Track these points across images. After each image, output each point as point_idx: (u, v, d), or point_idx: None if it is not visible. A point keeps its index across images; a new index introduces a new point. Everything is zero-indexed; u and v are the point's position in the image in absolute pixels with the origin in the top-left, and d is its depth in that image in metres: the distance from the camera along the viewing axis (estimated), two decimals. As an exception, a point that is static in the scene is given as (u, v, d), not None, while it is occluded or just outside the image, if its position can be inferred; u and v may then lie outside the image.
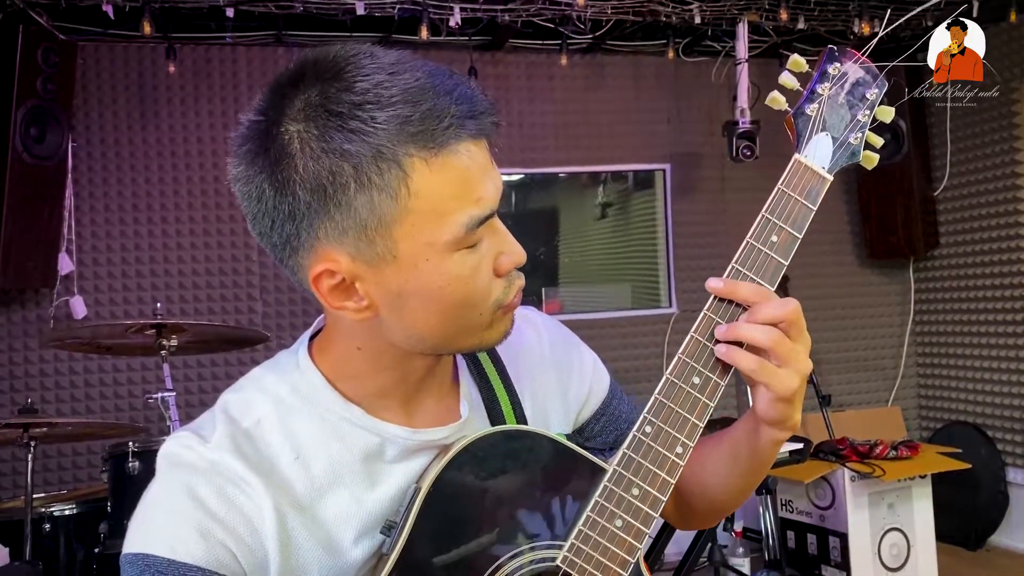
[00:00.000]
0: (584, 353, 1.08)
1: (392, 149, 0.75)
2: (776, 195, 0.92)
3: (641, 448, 0.86)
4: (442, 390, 0.94)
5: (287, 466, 0.85)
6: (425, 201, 0.76)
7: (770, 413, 0.89)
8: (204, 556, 0.78)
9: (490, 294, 0.83)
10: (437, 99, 0.76)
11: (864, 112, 0.95)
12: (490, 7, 3.55)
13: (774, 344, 0.85)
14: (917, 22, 4.02)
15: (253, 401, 0.87)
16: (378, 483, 0.88)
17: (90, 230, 3.68)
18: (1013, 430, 4.21)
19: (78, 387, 3.64)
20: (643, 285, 5.08)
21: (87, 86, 3.66)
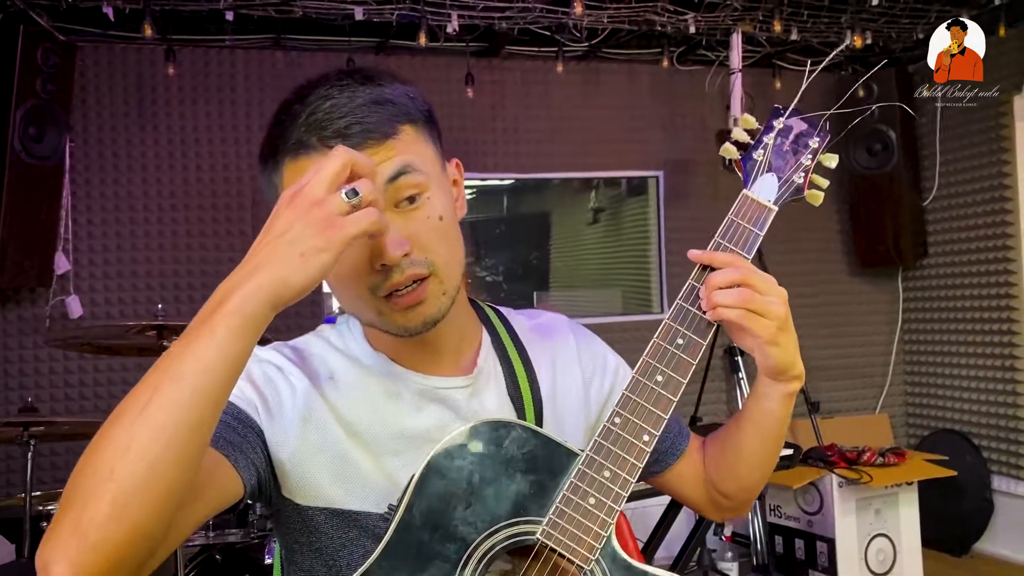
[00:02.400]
0: (608, 356, 1.22)
1: (274, 156, 0.99)
2: (726, 223, 1.06)
3: (611, 436, 0.97)
4: (459, 355, 1.11)
5: (323, 381, 1.04)
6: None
7: (768, 361, 1.02)
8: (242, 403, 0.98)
9: (363, 281, 0.96)
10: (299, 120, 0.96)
11: (807, 156, 1.12)
12: (487, 14, 3.59)
13: (746, 301, 0.98)
14: (908, 35, 4.09)
15: (308, 339, 1.10)
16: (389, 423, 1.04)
17: (87, 230, 3.69)
18: (998, 438, 4.27)
19: (73, 386, 3.65)
20: (634, 290, 5.12)
21: (86, 87, 3.68)
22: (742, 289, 0.99)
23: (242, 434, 0.96)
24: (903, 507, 3.68)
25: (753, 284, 0.99)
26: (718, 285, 0.99)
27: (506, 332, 1.16)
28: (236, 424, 0.96)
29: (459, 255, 1.02)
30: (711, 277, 1.01)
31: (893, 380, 4.80)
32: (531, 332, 1.17)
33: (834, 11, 3.77)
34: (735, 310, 0.98)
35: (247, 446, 0.96)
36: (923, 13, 3.80)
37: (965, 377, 4.45)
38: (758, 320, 0.99)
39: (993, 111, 4.17)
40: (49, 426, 2.45)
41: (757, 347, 1.01)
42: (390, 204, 0.95)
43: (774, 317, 0.99)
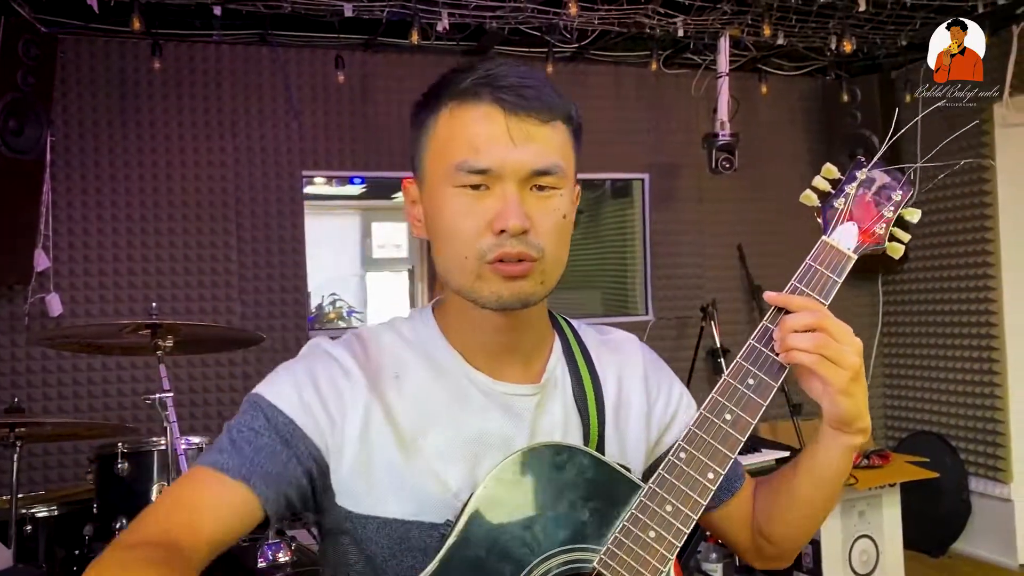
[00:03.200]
0: (675, 384, 1.20)
1: (438, 99, 1.01)
2: (804, 268, 1.05)
3: (675, 470, 0.97)
4: (530, 362, 1.10)
5: (388, 379, 1.03)
6: (439, 139, 1.00)
7: (835, 410, 1.01)
8: (298, 414, 0.98)
9: (475, 241, 0.97)
10: (477, 72, 0.98)
11: (889, 209, 1.11)
12: (478, 13, 3.57)
13: (822, 347, 0.98)
14: (892, 41, 4.14)
15: (380, 331, 1.09)
16: (454, 425, 1.02)
17: (67, 226, 3.62)
18: (976, 440, 4.33)
19: (52, 385, 3.57)
20: (613, 292, 5.13)
21: (68, 80, 3.60)
22: (818, 334, 0.98)
23: (285, 460, 0.96)
24: (886, 508, 3.72)
25: (829, 330, 0.98)
26: (794, 328, 0.99)
27: (576, 342, 1.15)
28: (281, 449, 0.96)
29: (564, 258, 1.03)
30: (787, 319, 1.00)
31: (872, 383, 4.85)
32: (600, 346, 1.17)
33: (822, 16, 3.80)
34: (810, 355, 0.98)
35: (286, 474, 0.96)
36: (908, 20, 3.84)
37: (943, 380, 4.51)
38: (832, 368, 0.98)
39: (974, 118, 4.22)
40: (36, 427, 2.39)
41: (827, 395, 1.00)
42: (526, 185, 0.98)
43: (848, 366, 0.98)
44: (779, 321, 1.01)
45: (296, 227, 3.97)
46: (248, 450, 0.95)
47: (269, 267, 3.91)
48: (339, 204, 6.97)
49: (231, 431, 0.98)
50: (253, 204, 3.89)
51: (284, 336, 3.85)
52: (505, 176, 0.96)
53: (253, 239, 3.89)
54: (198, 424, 3.67)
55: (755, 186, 4.59)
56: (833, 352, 0.98)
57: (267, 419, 0.97)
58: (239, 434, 0.97)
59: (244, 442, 0.96)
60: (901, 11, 3.73)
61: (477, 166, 0.96)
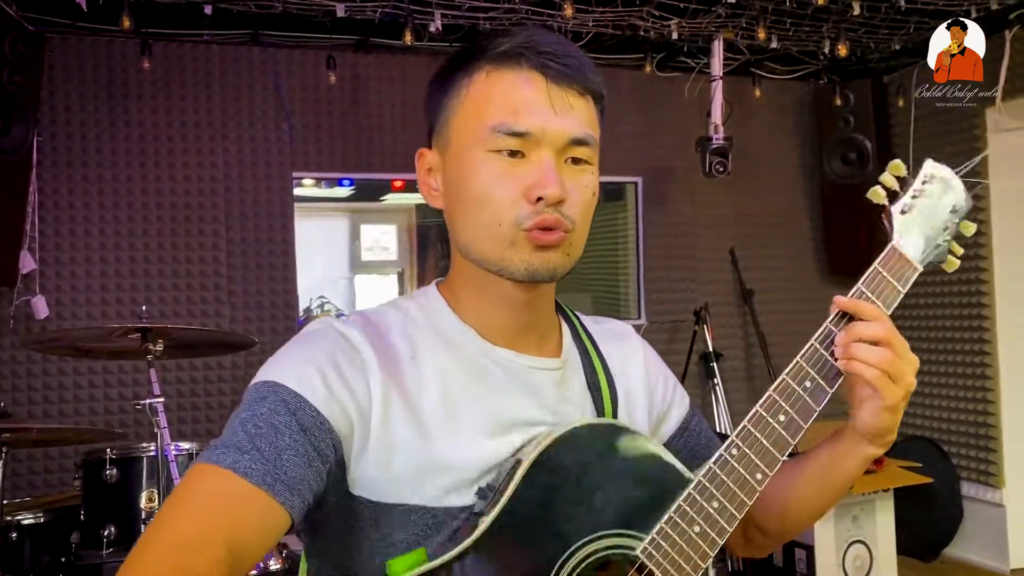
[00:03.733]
0: (669, 376, 1.20)
1: (473, 62, 0.97)
2: (872, 273, 1.04)
3: (726, 467, 0.95)
4: (544, 341, 1.06)
5: (404, 361, 0.97)
6: (473, 100, 0.96)
7: (875, 422, 1.00)
8: (323, 403, 0.89)
9: (512, 208, 0.93)
10: (517, 37, 0.96)
11: (954, 220, 1.09)
12: (471, 15, 3.54)
13: (887, 363, 0.97)
14: (886, 45, 4.14)
15: (386, 312, 1.03)
16: (477, 403, 0.97)
17: (54, 228, 3.56)
18: (968, 445, 4.33)
19: (38, 389, 3.51)
20: (603, 295, 5.11)
21: (56, 79, 3.55)
22: (885, 350, 0.97)
23: (308, 460, 0.87)
24: (879, 514, 3.71)
25: (895, 346, 0.97)
26: (860, 337, 0.97)
27: (582, 328, 1.13)
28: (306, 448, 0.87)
29: (586, 235, 1.00)
30: (856, 328, 0.98)
31: (864, 387, 4.84)
32: (603, 333, 1.14)
33: (816, 20, 3.79)
34: (873, 370, 0.96)
35: (309, 477, 0.87)
36: (902, 24, 3.84)
37: (936, 384, 4.50)
38: (890, 385, 0.97)
39: (967, 123, 4.23)
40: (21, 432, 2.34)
41: (874, 409, 0.99)
42: (562, 155, 0.95)
43: (905, 385, 0.98)
44: (845, 327, 0.99)
45: (286, 229, 3.93)
46: (270, 451, 0.85)
47: (258, 269, 3.87)
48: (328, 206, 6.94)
49: (246, 425, 0.86)
50: (243, 206, 3.84)
51: (274, 339, 3.80)
52: (544, 143, 0.94)
53: (243, 241, 3.84)
54: (187, 429, 3.62)
55: (748, 190, 4.58)
56: (896, 370, 0.97)
57: (291, 412, 0.87)
58: (257, 430, 0.86)
59: (264, 440, 0.85)
60: (895, 15, 3.73)
61: (517, 128, 0.93)
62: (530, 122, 0.93)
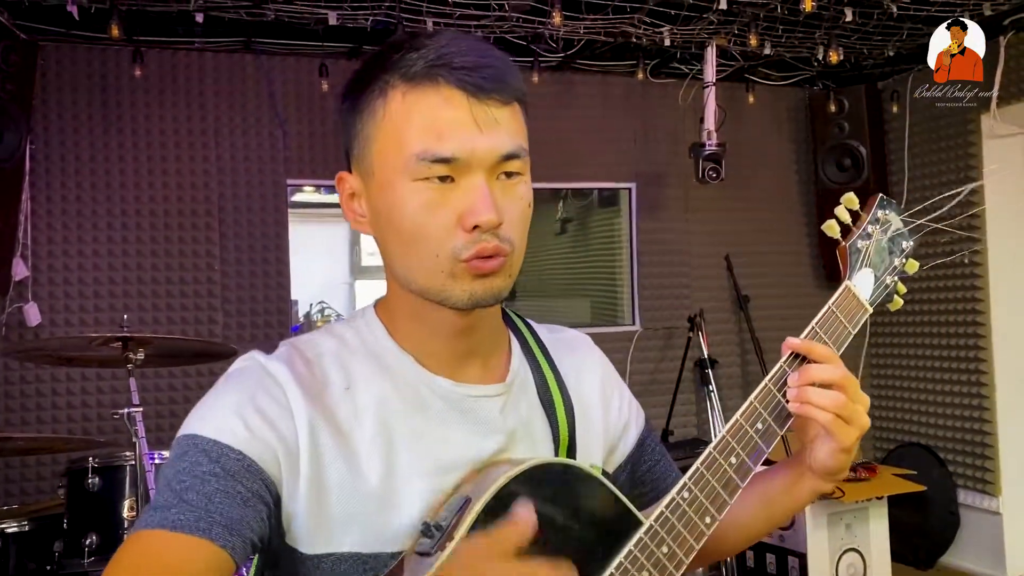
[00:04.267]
0: (625, 389, 1.16)
1: (384, 79, 0.90)
2: (826, 312, 1.04)
3: (677, 511, 0.93)
4: (489, 363, 1.01)
5: (336, 394, 0.92)
6: (392, 125, 0.89)
7: (829, 463, 1.00)
8: (246, 444, 0.85)
9: (447, 239, 0.88)
10: (433, 49, 0.88)
11: (900, 260, 1.11)
12: (463, 22, 3.55)
13: (839, 407, 0.96)
14: (879, 52, 4.13)
15: (318, 339, 0.98)
16: (415, 437, 0.93)
17: (46, 235, 3.57)
18: (964, 452, 4.31)
19: (22, 397, 3.50)
20: (602, 301, 5.10)
21: (48, 87, 3.56)
22: (837, 393, 0.97)
23: (243, 500, 0.84)
24: (873, 522, 3.70)
25: (848, 389, 0.97)
26: (813, 381, 0.97)
27: (533, 339, 1.08)
28: (236, 488, 0.83)
29: (524, 249, 0.95)
30: (810, 370, 0.98)
31: (860, 394, 4.82)
32: (557, 343, 1.10)
33: (808, 26, 3.79)
34: (827, 414, 0.96)
35: (247, 516, 0.84)
36: (895, 30, 3.83)
37: (932, 391, 4.49)
38: (844, 427, 0.97)
39: (961, 128, 4.22)
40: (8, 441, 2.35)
41: (828, 451, 0.99)
42: (493, 174, 0.90)
43: (859, 427, 0.98)
44: (798, 369, 0.99)
45: (280, 236, 3.93)
46: (198, 499, 0.82)
47: (252, 276, 3.87)
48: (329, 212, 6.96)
49: (170, 483, 0.84)
50: (236, 213, 3.85)
51: (268, 348, 3.80)
52: (472, 165, 0.88)
53: (236, 248, 3.85)
54: (169, 438, 3.62)
55: (743, 196, 4.57)
56: (849, 412, 0.97)
57: (213, 460, 0.84)
58: (181, 484, 0.83)
59: (191, 492, 0.82)
60: (888, 22, 3.72)
61: (442, 154, 0.87)
62: (456, 145, 0.87)
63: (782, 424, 0.99)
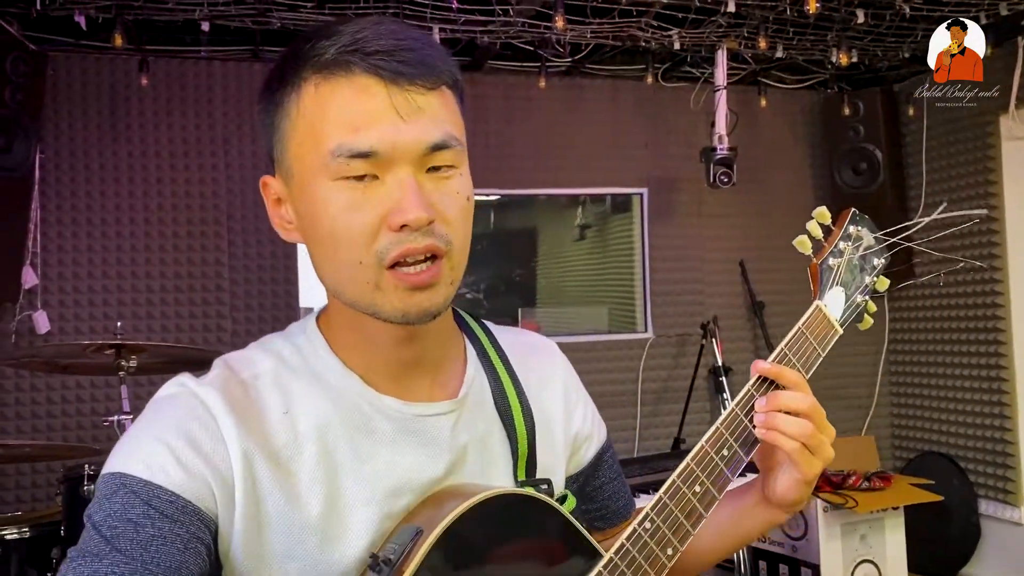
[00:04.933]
0: (588, 401, 1.11)
1: (296, 73, 0.83)
2: (796, 334, 1.02)
3: (639, 543, 0.91)
4: (440, 374, 0.95)
5: (274, 419, 0.85)
6: (306, 121, 0.82)
7: (790, 494, 0.97)
8: (179, 484, 0.78)
9: (371, 241, 0.81)
10: (347, 35, 0.81)
11: (871, 278, 1.08)
12: (470, 28, 3.53)
13: (808, 436, 0.94)
14: (894, 53, 4.06)
15: (255, 358, 0.90)
16: (360, 461, 0.87)
17: (56, 243, 3.60)
18: (985, 462, 4.21)
19: (16, 405, 3.52)
20: (620, 308, 5.06)
21: (57, 97, 3.59)
22: (806, 422, 0.95)
23: (183, 545, 0.77)
24: (889, 533, 3.62)
25: (815, 419, 0.95)
26: (781, 408, 0.94)
27: (490, 344, 1.01)
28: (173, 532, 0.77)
29: (468, 247, 0.88)
30: (778, 396, 0.95)
31: (879, 402, 4.74)
32: (517, 347, 1.03)
33: (820, 29, 3.73)
34: (793, 442, 0.94)
35: (187, 561, 0.78)
36: (909, 31, 3.76)
37: (952, 399, 4.39)
38: (809, 458, 0.95)
39: (979, 131, 4.14)
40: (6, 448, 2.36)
41: (790, 481, 0.97)
42: (421, 167, 0.82)
43: (823, 459, 0.96)
44: (766, 394, 0.96)
45: (288, 243, 3.92)
46: (133, 548, 0.75)
47: (261, 283, 3.88)
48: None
49: (100, 528, 0.76)
50: (244, 221, 3.86)
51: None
52: (396, 159, 0.80)
53: (245, 255, 3.86)
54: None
55: (757, 201, 4.51)
56: (815, 443, 0.95)
57: (145, 502, 0.77)
58: (112, 531, 0.75)
59: (124, 539, 0.75)
60: (901, 23, 3.65)
61: (359, 148, 0.80)
62: (374, 138, 0.80)
63: (748, 450, 0.97)
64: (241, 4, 3.19)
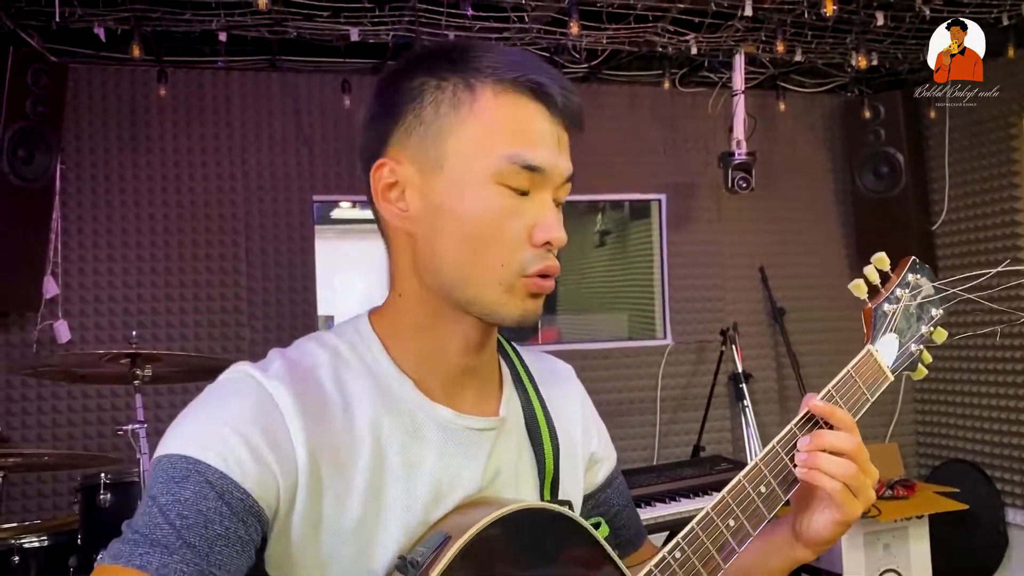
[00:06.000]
0: (602, 425, 1.14)
1: (470, 74, 0.87)
2: (845, 376, 1.02)
3: (668, 571, 0.91)
4: (483, 389, 0.97)
5: (336, 416, 0.86)
6: (480, 122, 0.86)
7: (825, 533, 0.98)
8: (253, 482, 0.79)
9: (517, 250, 0.86)
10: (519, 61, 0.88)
11: (928, 328, 1.08)
12: (484, 35, 3.53)
13: (850, 478, 0.94)
14: (915, 56, 4.02)
15: (311, 350, 0.91)
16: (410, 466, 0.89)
17: (77, 253, 3.63)
18: (1012, 469, 4.15)
19: (46, 413, 3.54)
20: (640, 315, 5.03)
21: (78, 108, 3.63)
22: (850, 463, 0.95)
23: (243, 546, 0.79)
24: (913, 542, 3.58)
25: (861, 461, 0.95)
26: (826, 447, 0.94)
27: (522, 367, 1.05)
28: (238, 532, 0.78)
29: None
30: (823, 436, 0.95)
31: (903, 409, 4.68)
32: (543, 372, 1.07)
33: (838, 32, 3.70)
34: (836, 482, 0.94)
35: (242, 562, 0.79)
36: (929, 33, 3.70)
37: (977, 406, 4.33)
38: (851, 499, 0.95)
39: (1003, 133, 4.08)
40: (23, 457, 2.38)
41: (827, 521, 0.97)
42: (554, 195, 0.91)
43: (865, 501, 0.97)
44: (811, 433, 0.96)
45: (306, 252, 3.95)
46: (201, 544, 0.75)
47: (279, 292, 3.90)
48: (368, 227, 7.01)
49: (168, 514, 0.75)
50: (262, 229, 3.88)
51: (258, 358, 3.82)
52: (549, 182, 0.89)
53: (263, 264, 3.88)
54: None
55: (776, 206, 4.48)
56: (858, 484, 0.95)
57: (218, 495, 0.77)
58: (183, 520, 0.75)
59: (194, 533, 0.75)
60: (921, 24, 3.61)
61: (532, 161, 0.86)
62: (544, 156, 0.87)
63: (786, 490, 0.96)
64: (258, 14, 3.21)
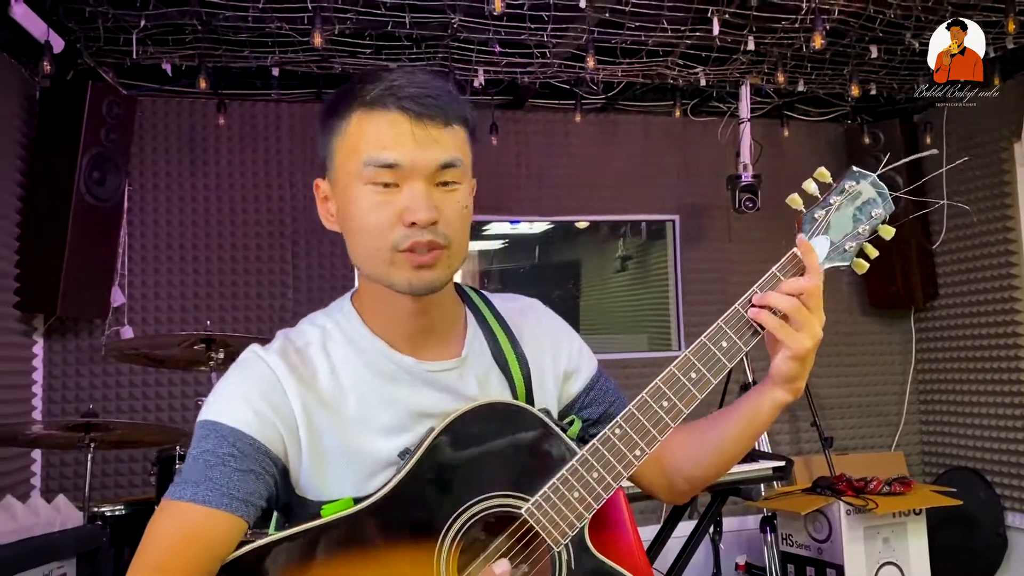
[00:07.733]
0: (573, 338, 1.34)
1: (348, 107, 1.12)
2: (768, 276, 1.14)
3: (608, 443, 1.11)
4: (446, 338, 1.21)
5: (324, 379, 1.14)
6: (350, 139, 1.11)
7: (782, 368, 1.13)
8: (257, 431, 1.08)
9: (388, 234, 1.08)
10: (382, 83, 1.10)
11: (864, 227, 1.14)
12: (511, 69, 3.88)
13: (793, 311, 1.10)
14: (909, 85, 4.31)
15: (305, 330, 1.20)
16: (390, 403, 1.15)
17: (140, 266, 4.01)
18: (1011, 474, 4.35)
19: (136, 398, 3.93)
20: (658, 334, 5.28)
21: (144, 136, 4.03)
22: (793, 300, 1.10)
23: (256, 477, 1.06)
24: (911, 536, 3.78)
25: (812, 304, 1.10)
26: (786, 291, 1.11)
27: (488, 310, 1.27)
28: (250, 468, 1.06)
29: (467, 242, 1.16)
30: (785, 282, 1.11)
31: (908, 419, 4.90)
32: (512, 311, 1.29)
33: (836, 63, 4.00)
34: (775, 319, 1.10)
35: (258, 489, 1.07)
36: (921, 64, 4.01)
37: (978, 415, 4.54)
38: (792, 334, 1.10)
39: (995, 158, 4.35)
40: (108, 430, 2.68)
41: (784, 357, 1.12)
42: (432, 181, 1.10)
43: (811, 336, 1.10)
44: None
45: (347, 266, 4.29)
46: (222, 479, 1.04)
47: (322, 303, 4.18)
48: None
49: (197, 461, 1.06)
50: (308, 246, 4.23)
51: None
52: (413, 173, 1.08)
53: (308, 278, 4.23)
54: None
55: (783, 226, 4.72)
56: (801, 319, 1.09)
57: (231, 444, 1.05)
58: (207, 463, 1.05)
59: (215, 471, 1.04)
60: (913, 57, 3.90)
61: (385, 160, 1.07)
62: (396, 154, 1.07)
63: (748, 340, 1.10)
64: (307, 51, 3.58)
